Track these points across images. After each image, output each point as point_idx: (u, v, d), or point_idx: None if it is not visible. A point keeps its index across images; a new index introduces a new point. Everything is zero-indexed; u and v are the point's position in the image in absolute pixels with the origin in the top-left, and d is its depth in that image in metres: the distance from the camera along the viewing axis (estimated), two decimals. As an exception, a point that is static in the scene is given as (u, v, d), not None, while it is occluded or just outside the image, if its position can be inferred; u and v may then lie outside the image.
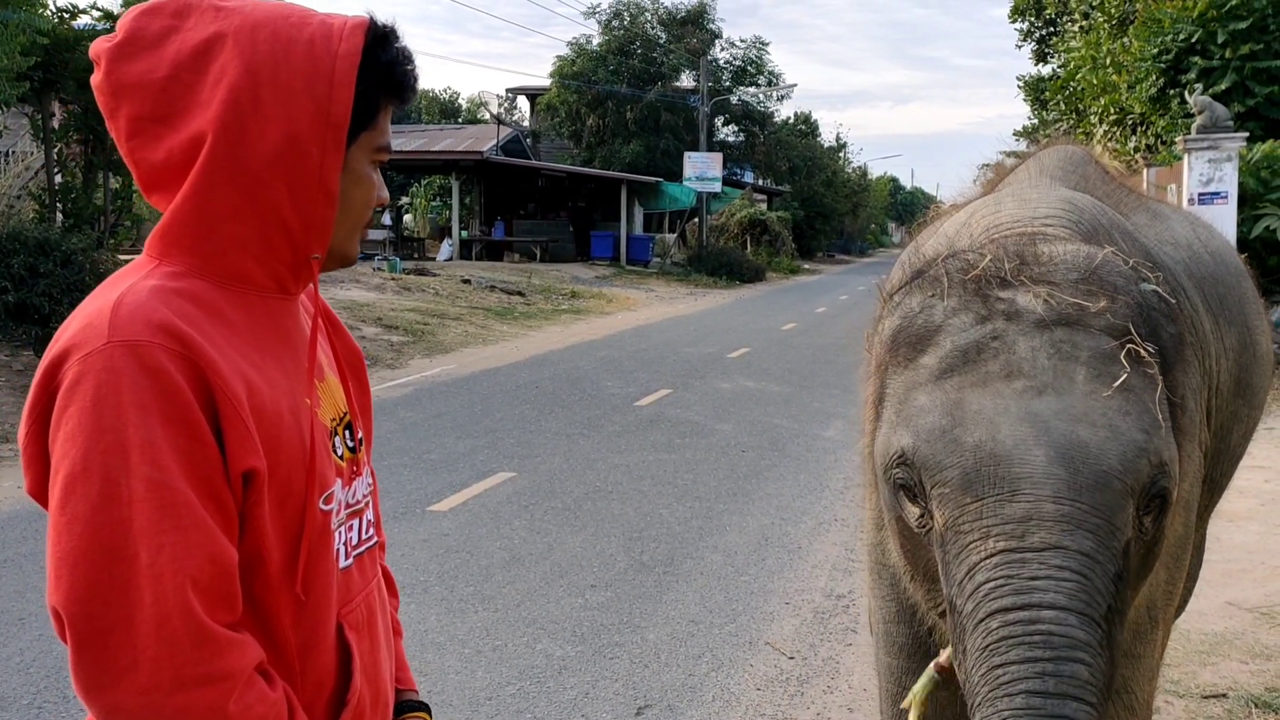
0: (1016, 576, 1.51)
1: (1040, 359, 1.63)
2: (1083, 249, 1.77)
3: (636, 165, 35.57)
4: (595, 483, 7.25)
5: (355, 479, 1.36)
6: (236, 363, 1.17)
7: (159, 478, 1.08)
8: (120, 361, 1.09)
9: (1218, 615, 4.79)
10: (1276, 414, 9.46)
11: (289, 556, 1.22)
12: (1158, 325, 1.70)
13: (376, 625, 1.38)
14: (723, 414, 9.90)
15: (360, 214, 1.30)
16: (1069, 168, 2.58)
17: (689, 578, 5.40)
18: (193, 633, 1.08)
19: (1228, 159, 10.54)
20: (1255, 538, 6.03)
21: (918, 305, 1.80)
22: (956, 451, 1.61)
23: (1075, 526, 1.52)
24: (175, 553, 1.08)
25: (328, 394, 1.33)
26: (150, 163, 1.20)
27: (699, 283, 29.19)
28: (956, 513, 1.61)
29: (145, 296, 1.14)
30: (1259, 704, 3.78)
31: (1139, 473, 1.57)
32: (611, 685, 4.11)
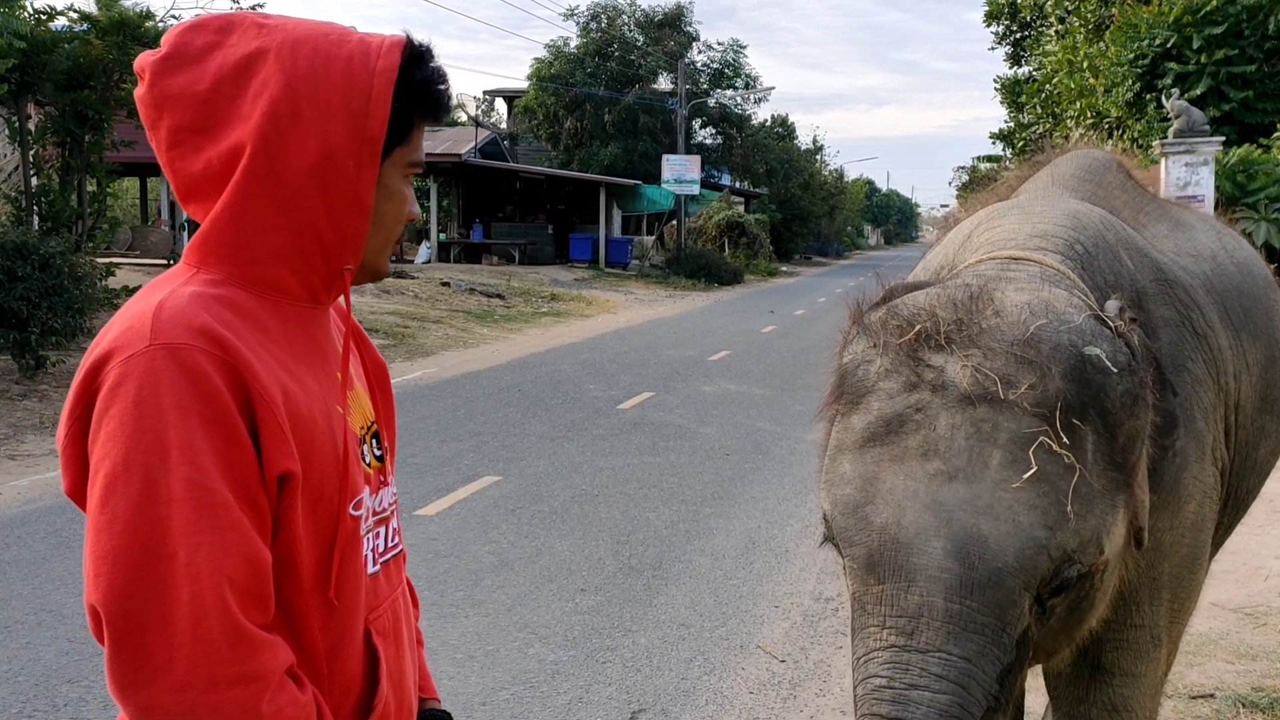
0: (898, 681, 1.57)
1: (958, 439, 1.62)
2: (1031, 306, 1.72)
3: (615, 168, 35.56)
4: (581, 486, 7.25)
5: (382, 487, 1.38)
6: (273, 368, 1.19)
7: (198, 478, 1.10)
8: (161, 364, 1.11)
9: (1203, 616, 4.83)
10: (1253, 415, 9.57)
11: (320, 561, 1.24)
12: (1101, 390, 1.65)
13: (402, 633, 1.39)
14: (705, 417, 9.92)
15: (392, 228, 1.32)
16: (1085, 176, 2.55)
17: (678, 581, 5.41)
18: (228, 632, 1.10)
19: (1204, 163, 10.66)
20: (1237, 538, 6.06)
21: (859, 356, 1.79)
22: (865, 530, 1.65)
23: (962, 628, 1.56)
24: (212, 552, 1.10)
25: (357, 403, 1.35)
26: (189, 172, 1.23)
27: (678, 285, 29.21)
28: (861, 589, 1.66)
29: (186, 301, 1.17)
30: (1246, 703, 3.83)
31: (1035, 569, 1.58)
32: (605, 689, 4.12)
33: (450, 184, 32.42)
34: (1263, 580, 5.34)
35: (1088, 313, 1.74)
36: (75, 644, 4.43)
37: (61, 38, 12.06)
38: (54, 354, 10.56)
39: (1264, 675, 4.11)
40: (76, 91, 12.15)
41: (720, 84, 42.04)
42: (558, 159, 37.74)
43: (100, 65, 12.16)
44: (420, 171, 1.34)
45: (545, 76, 37.50)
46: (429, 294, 19.93)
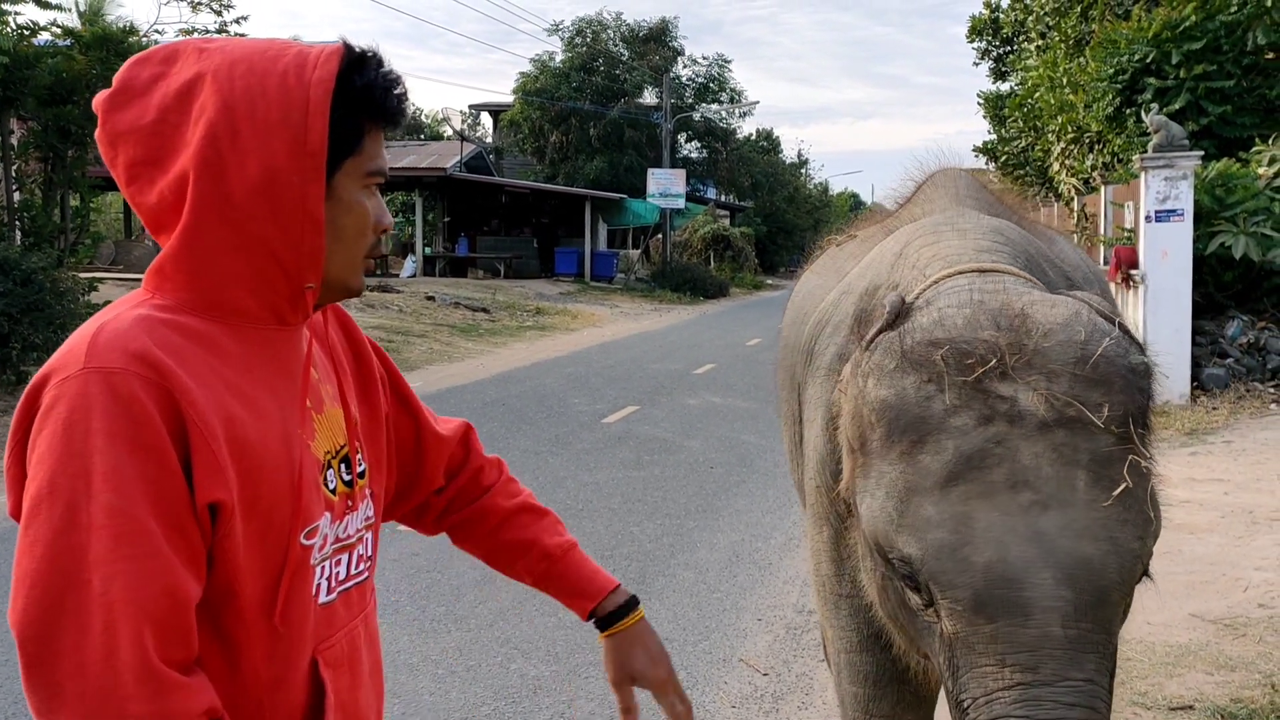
0: (1032, 718, 1.57)
1: (1044, 467, 1.64)
2: (1074, 322, 1.75)
3: (600, 181, 35.62)
4: (565, 501, 7.24)
5: (349, 513, 1.34)
6: (219, 394, 1.17)
7: (120, 505, 1.08)
8: (94, 388, 1.10)
9: (1182, 627, 4.87)
10: (1235, 427, 9.64)
11: (266, 589, 1.21)
12: (1147, 393, 1.72)
13: (359, 662, 1.36)
14: (690, 430, 9.93)
15: (355, 242, 1.29)
16: (976, 194, 2.61)
17: (661, 595, 5.41)
18: (137, 668, 1.07)
19: (1183, 177, 10.72)
20: (1216, 549, 6.13)
21: (913, 390, 1.75)
22: (967, 572, 1.64)
23: (1081, 651, 1.58)
24: (128, 583, 1.07)
25: (325, 426, 1.32)
26: (148, 205, 1.22)
27: (663, 298, 29.25)
28: (969, 630, 1.65)
29: (127, 325, 1.15)
30: (1225, 715, 3.84)
31: (1134, 579, 1.64)
32: (587, 705, 4.11)
33: (435, 198, 32.42)
34: (1242, 591, 5.37)
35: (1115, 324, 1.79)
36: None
37: (45, 53, 12.06)
38: (35, 370, 10.51)
39: (1242, 686, 4.13)
40: (59, 106, 12.15)
41: (705, 98, 42.19)
42: (543, 173, 37.79)
43: (83, 80, 12.16)
44: (381, 181, 1.30)
45: (530, 91, 37.58)
46: (413, 308, 19.90)
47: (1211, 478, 7.88)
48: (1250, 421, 9.78)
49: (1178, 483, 7.77)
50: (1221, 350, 11.23)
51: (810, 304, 2.78)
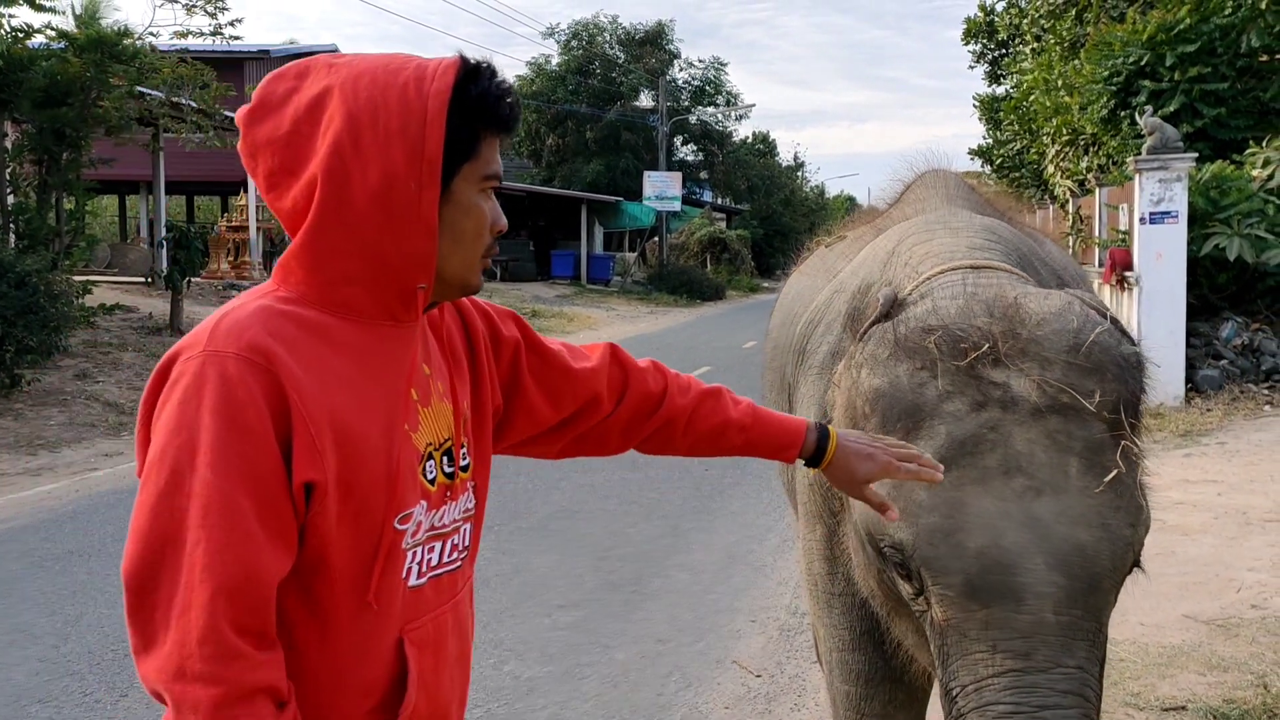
0: (1026, 705, 1.57)
1: (1037, 453, 1.65)
2: (1067, 313, 1.77)
3: (597, 184, 35.64)
4: (562, 502, 7.25)
5: (446, 504, 1.40)
6: (326, 382, 1.26)
7: (214, 479, 1.18)
8: (208, 369, 1.21)
9: (1175, 628, 4.87)
10: (1229, 428, 9.65)
11: (357, 567, 1.29)
12: (1138, 384, 1.74)
13: (445, 646, 1.41)
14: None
15: (473, 243, 1.36)
16: (967, 195, 2.63)
17: (657, 597, 5.42)
18: (202, 630, 1.16)
19: (1177, 179, 10.75)
20: (1210, 550, 6.14)
21: (906, 377, 1.77)
22: (960, 557, 1.64)
23: (1073, 638, 1.59)
24: (208, 550, 1.17)
25: (430, 419, 1.38)
26: (284, 210, 1.32)
27: (660, 301, 29.26)
28: (961, 616, 1.65)
29: (247, 314, 1.26)
30: (1217, 715, 3.85)
31: (1126, 566, 1.65)
32: (582, 706, 4.11)
33: (432, 201, 32.36)
34: (1235, 592, 5.38)
35: (1106, 317, 1.81)
36: (46, 664, 4.41)
37: (39, 55, 12.07)
38: (29, 372, 10.50)
39: (1235, 687, 4.13)
40: (54, 109, 12.15)
41: (701, 101, 42.18)
42: (539, 176, 37.81)
43: (78, 83, 12.16)
44: (497, 184, 1.37)
45: (527, 94, 37.56)
46: (410, 311, 19.86)
47: (1205, 479, 7.89)
48: (1244, 423, 9.80)
49: (1171, 484, 7.78)
50: (1216, 352, 11.25)
51: (800, 304, 2.78)
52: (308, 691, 1.27)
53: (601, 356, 1.68)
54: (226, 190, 25.38)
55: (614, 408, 1.67)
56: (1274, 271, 11.10)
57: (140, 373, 11.79)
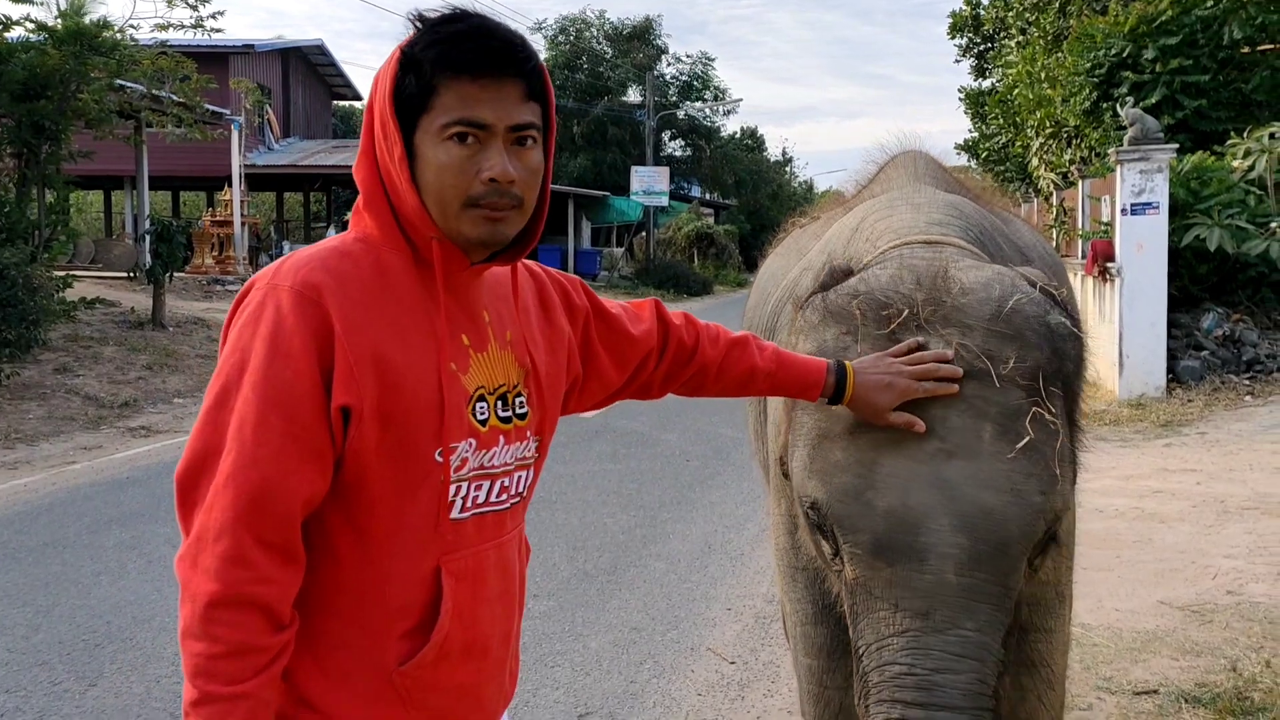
0: (919, 667, 1.59)
1: (951, 417, 1.66)
2: (994, 282, 1.77)
3: (584, 179, 35.59)
4: (539, 493, 7.15)
5: (498, 446, 1.45)
6: (375, 317, 1.35)
7: (254, 398, 1.29)
8: (267, 300, 1.33)
9: (1150, 614, 4.88)
10: (1209, 419, 9.68)
11: (396, 492, 1.36)
12: (1065, 354, 1.72)
13: (485, 582, 1.45)
14: (668, 424, 9.92)
15: (438, 192, 1.38)
16: (936, 172, 2.63)
17: (632, 586, 5.40)
18: (219, 528, 1.26)
19: (1158, 170, 10.76)
20: (1186, 538, 6.15)
21: (832, 341, 1.80)
22: (868, 515, 1.66)
23: (974, 601, 1.60)
24: (237, 460, 1.27)
25: (484, 364, 1.45)
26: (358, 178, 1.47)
27: (647, 296, 29.23)
28: (868, 574, 1.67)
29: (313, 252, 1.39)
30: (1189, 699, 3.85)
31: (1035, 534, 1.64)
32: (552, 693, 4.10)
33: (418, 196, 32.28)
34: (1211, 579, 5.39)
35: (1038, 285, 1.80)
36: (15, 654, 4.38)
37: (17, 48, 11.99)
38: (8, 366, 10.43)
39: (1208, 671, 4.14)
40: (33, 102, 12.07)
41: (689, 96, 42.17)
42: (526, 171, 37.67)
43: (57, 75, 12.08)
44: (460, 130, 1.36)
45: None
46: (395, 305, 19.80)
47: (1185, 468, 7.91)
48: (1225, 413, 9.83)
49: (1151, 473, 7.80)
50: (1197, 343, 11.28)
51: (772, 284, 2.79)
52: (347, 602, 1.37)
53: (650, 316, 1.78)
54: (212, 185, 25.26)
55: (658, 363, 1.78)
56: (1254, 262, 11.13)
57: (121, 367, 11.73)
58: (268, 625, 1.27)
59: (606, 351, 1.70)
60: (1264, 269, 11.20)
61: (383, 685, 1.37)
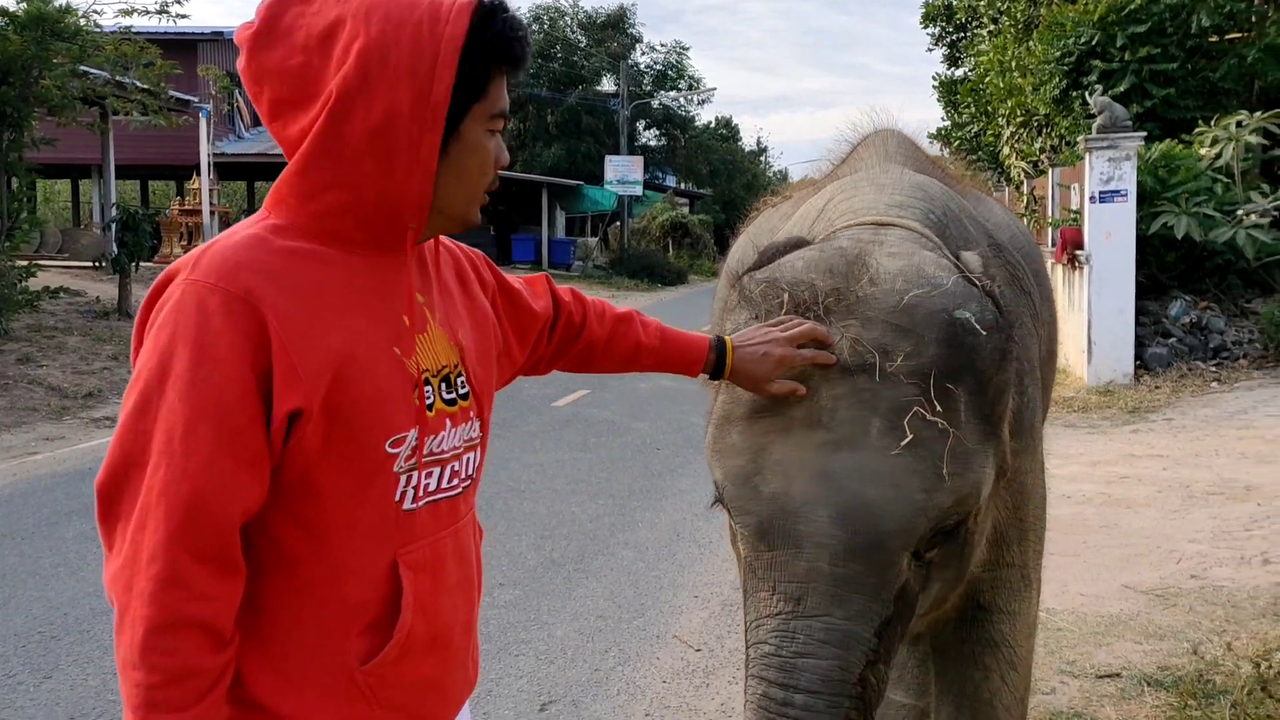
0: (785, 650, 1.63)
1: (841, 409, 1.67)
2: (903, 273, 1.76)
3: (558, 169, 35.45)
4: (508, 482, 7.19)
5: (444, 430, 1.40)
6: (314, 309, 1.27)
7: (180, 407, 1.21)
8: (188, 298, 1.23)
9: (1114, 598, 4.90)
10: (1176, 405, 9.75)
11: (347, 488, 1.31)
12: (971, 350, 1.70)
13: (444, 571, 1.41)
14: (639, 413, 9.90)
15: (477, 180, 1.38)
16: (908, 152, 2.62)
17: (599, 574, 5.38)
18: (153, 549, 1.19)
19: (1127, 158, 10.81)
20: (1151, 523, 6.19)
21: (741, 326, 1.84)
22: (755, 499, 1.70)
23: (845, 591, 1.63)
24: (166, 475, 1.20)
25: (426, 346, 1.39)
26: (288, 140, 1.32)
27: (621, 285, 29.20)
28: (753, 556, 1.72)
29: (234, 243, 1.28)
30: (1151, 682, 3.86)
31: (915, 531, 1.65)
32: (516, 683, 4.07)
33: (391, 185, 32.06)
34: (1175, 563, 5.42)
35: (957, 275, 1.78)
36: (-32, 647, 4.31)
37: (-23, 34, 11.76)
38: (-30, 356, 10.28)
39: (1170, 655, 4.16)
40: (-6, 88, 11.85)
41: (663, 85, 42.06)
42: (500, 160, 37.49)
43: (18, 61, 11.87)
44: (504, 124, 1.38)
45: (487, 77, 37.19)
46: (366, 295, 19.67)
47: (1151, 454, 7.96)
48: (1191, 399, 9.90)
49: (1118, 459, 7.85)
50: (1164, 330, 11.35)
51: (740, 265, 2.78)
52: (301, 603, 1.31)
53: (545, 291, 1.75)
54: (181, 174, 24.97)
55: (549, 339, 1.75)
56: (1221, 250, 11.21)
57: (85, 357, 11.58)
58: (208, 644, 1.22)
59: (512, 327, 1.66)
60: (1230, 256, 11.28)
61: (344, 685, 1.32)
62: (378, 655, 1.34)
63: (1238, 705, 3.45)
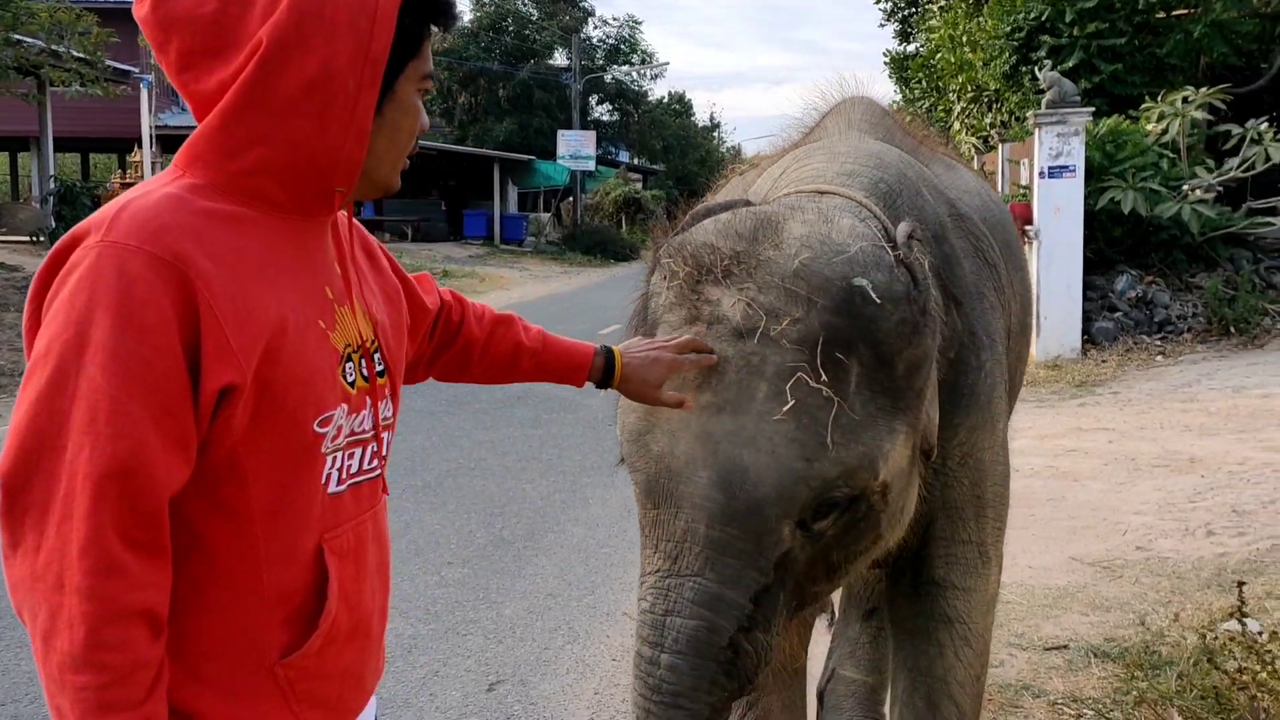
0: (658, 608, 1.65)
1: (729, 372, 1.68)
2: (807, 239, 1.74)
3: (510, 143, 35.15)
4: (458, 459, 7.10)
5: (366, 409, 1.34)
6: (241, 276, 1.18)
7: (102, 382, 1.10)
8: (105, 262, 1.12)
9: (1061, 570, 4.94)
10: (1122, 378, 9.87)
11: (273, 470, 1.23)
12: (870, 321, 1.67)
13: (365, 556, 1.36)
14: (591, 389, 9.80)
15: (406, 143, 1.34)
16: (873, 120, 2.59)
17: (549, 552, 5.33)
18: (84, 540, 1.10)
19: (1075, 133, 10.88)
20: (1099, 495, 6.25)
21: (654, 288, 1.85)
22: (645, 457, 1.72)
23: (720, 554, 1.64)
24: (91, 457, 1.10)
25: (347, 320, 1.33)
26: (202, 94, 1.22)
27: (573, 261, 29.07)
28: (642, 514, 1.75)
29: (152, 203, 1.17)
30: (1097, 654, 3.89)
31: (794, 499, 1.64)
32: (463, 662, 4.01)
33: (339, 160, 31.61)
34: (1121, 535, 5.48)
35: (867, 242, 1.74)
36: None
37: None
38: (-100, 334, 9.98)
39: (1116, 626, 4.19)
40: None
41: (616, 60, 41.82)
42: (452, 135, 37.14)
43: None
44: (430, 85, 1.34)
45: (438, 51, 36.63)
46: (315, 271, 19.42)
47: (1098, 427, 8.05)
48: (1137, 373, 10.03)
49: (1065, 432, 7.92)
50: (1111, 304, 11.49)
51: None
52: (217, 594, 1.23)
53: (433, 286, 1.66)
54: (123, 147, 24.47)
55: (429, 338, 1.67)
56: (1167, 225, 11.34)
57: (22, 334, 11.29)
58: (153, 634, 1.14)
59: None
60: (1176, 231, 11.41)
61: (262, 680, 1.25)
62: (300, 648, 1.26)
63: (1184, 676, 3.48)
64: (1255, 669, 2.98)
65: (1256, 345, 10.63)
